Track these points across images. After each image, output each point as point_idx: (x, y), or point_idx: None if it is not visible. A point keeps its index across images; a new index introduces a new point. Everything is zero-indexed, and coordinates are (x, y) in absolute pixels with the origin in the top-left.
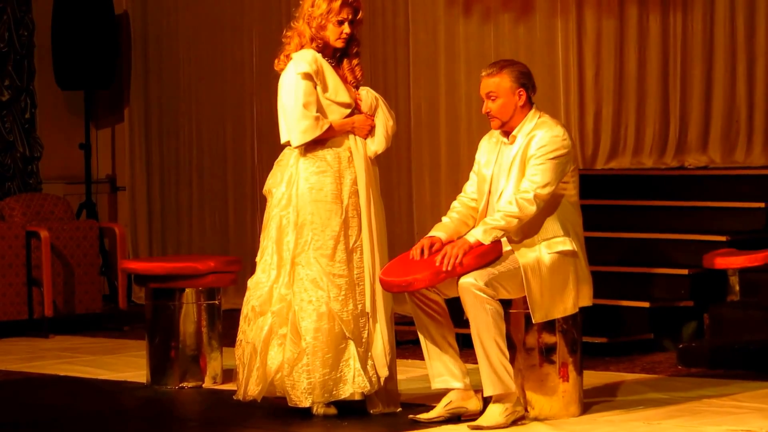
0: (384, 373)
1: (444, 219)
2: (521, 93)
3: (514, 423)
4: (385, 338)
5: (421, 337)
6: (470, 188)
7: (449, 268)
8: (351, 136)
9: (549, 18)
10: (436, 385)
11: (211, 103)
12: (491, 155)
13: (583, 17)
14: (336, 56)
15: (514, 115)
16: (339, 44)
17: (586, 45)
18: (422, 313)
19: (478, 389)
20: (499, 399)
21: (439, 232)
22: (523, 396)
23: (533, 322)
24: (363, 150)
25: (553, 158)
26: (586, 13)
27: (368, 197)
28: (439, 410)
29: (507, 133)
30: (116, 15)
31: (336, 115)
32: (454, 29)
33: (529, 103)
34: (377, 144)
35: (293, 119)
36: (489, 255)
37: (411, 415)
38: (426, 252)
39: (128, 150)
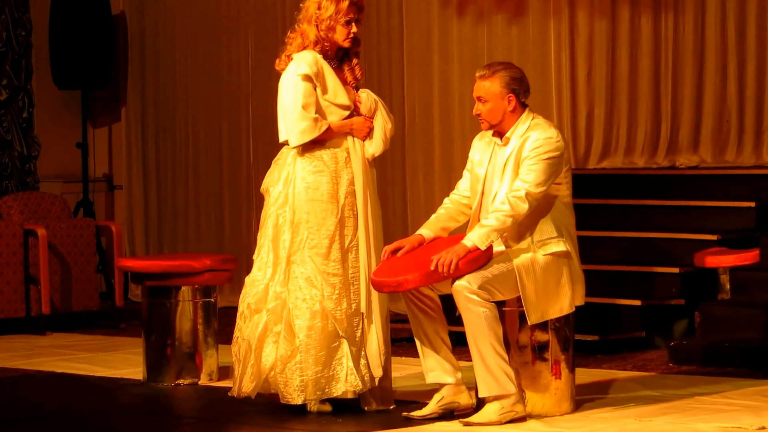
0: (378, 373)
1: (432, 216)
2: (511, 98)
3: (511, 422)
4: (380, 338)
5: (415, 333)
6: (463, 186)
7: (445, 274)
8: (349, 137)
9: (542, 19)
10: (429, 380)
11: (207, 102)
12: (485, 155)
13: (576, 18)
14: (338, 57)
15: (504, 119)
16: (347, 44)
17: (579, 46)
18: (416, 309)
19: (470, 386)
20: (496, 398)
21: (424, 229)
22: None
23: (528, 323)
24: (361, 151)
25: (546, 159)
26: (578, 14)
27: (365, 198)
28: (431, 407)
29: (500, 134)
30: (113, 15)
31: (335, 117)
32: (448, 30)
33: (521, 107)
34: (375, 146)
35: (292, 120)
36: (481, 259)
37: (404, 413)
38: (386, 254)
39: (125, 149)
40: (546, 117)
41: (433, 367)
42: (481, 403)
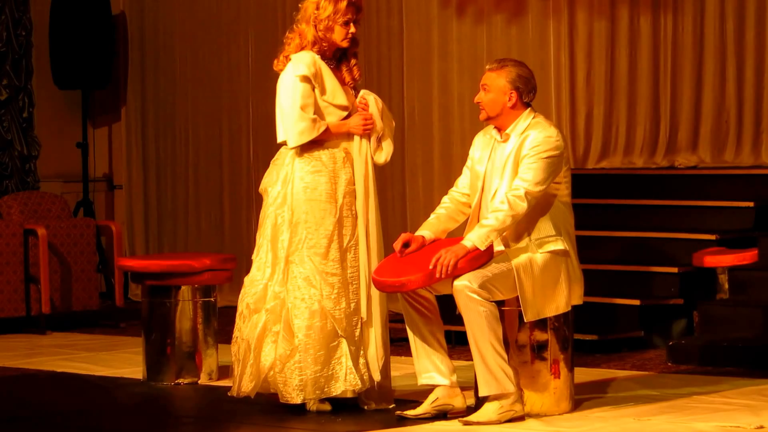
0: (377, 377)
1: (431, 216)
2: (512, 95)
3: (511, 421)
4: (379, 341)
5: (410, 333)
6: (462, 183)
7: (443, 276)
8: (355, 138)
9: (541, 19)
10: (423, 381)
11: (207, 102)
12: (485, 152)
13: (575, 18)
14: (336, 57)
15: (502, 113)
16: (345, 44)
17: (578, 46)
18: (412, 310)
19: (464, 387)
20: (496, 397)
21: (424, 231)
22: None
23: (525, 320)
24: (365, 151)
25: (545, 158)
26: (577, 14)
27: (366, 198)
28: (425, 407)
29: (500, 131)
30: (113, 15)
31: (333, 118)
32: (448, 30)
33: (523, 105)
34: (386, 151)
35: (290, 121)
36: (482, 258)
37: (398, 412)
38: (398, 246)
39: (125, 149)
40: (545, 117)
41: (427, 368)
42: (481, 402)
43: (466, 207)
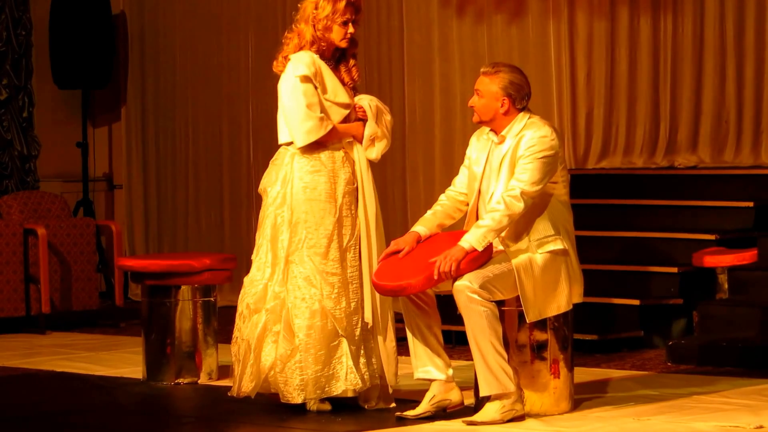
0: (394, 383)
1: (427, 212)
2: (504, 101)
3: (512, 421)
4: (394, 347)
5: (408, 328)
6: (459, 182)
7: (445, 279)
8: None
9: (541, 19)
10: (419, 375)
11: (208, 102)
12: (481, 153)
13: (575, 19)
14: (335, 58)
15: (495, 118)
16: (344, 44)
17: (578, 46)
18: (410, 304)
19: (464, 386)
20: (497, 397)
21: (419, 227)
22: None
23: (527, 321)
24: (364, 152)
25: (540, 158)
26: (577, 15)
27: (370, 199)
28: (424, 406)
29: (496, 133)
30: (113, 15)
31: (336, 116)
32: (448, 30)
33: (516, 111)
34: (377, 150)
35: (297, 120)
36: (480, 258)
37: (398, 413)
38: (385, 257)
39: (125, 148)
40: (546, 117)
41: (424, 362)
42: (481, 402)
43: (462, 205)
